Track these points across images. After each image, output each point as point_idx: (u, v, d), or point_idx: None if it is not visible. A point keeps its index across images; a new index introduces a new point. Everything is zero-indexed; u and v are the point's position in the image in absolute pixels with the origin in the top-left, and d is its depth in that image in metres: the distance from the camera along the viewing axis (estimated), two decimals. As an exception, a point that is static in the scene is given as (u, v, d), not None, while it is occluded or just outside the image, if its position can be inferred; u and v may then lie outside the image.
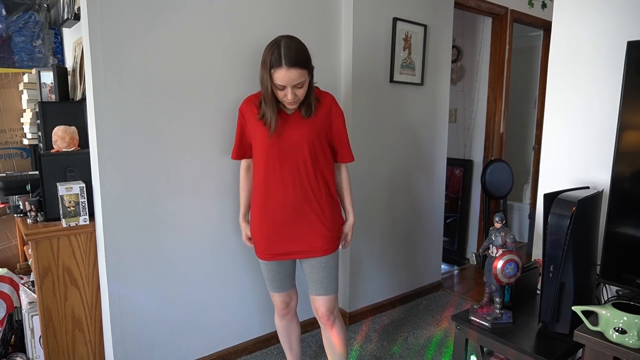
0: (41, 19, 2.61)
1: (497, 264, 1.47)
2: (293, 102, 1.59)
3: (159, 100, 1.87)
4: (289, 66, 1.51)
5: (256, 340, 2.30)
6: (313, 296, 1.76)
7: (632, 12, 1.54)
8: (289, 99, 1.56)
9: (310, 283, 1.76)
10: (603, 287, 1.62)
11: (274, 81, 1.55)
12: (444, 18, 2.88)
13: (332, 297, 1.76)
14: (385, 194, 2.71)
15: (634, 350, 1.12)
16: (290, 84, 1.54)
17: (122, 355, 1.90)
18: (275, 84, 1.56)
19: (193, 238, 2.03)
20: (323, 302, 1.74)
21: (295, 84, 1.54)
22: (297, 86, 1.56)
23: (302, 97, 1.60)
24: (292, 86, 1.54)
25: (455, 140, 3.95)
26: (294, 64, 1.52)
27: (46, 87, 2.24)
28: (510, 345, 1.41)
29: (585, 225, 1.39)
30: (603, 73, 1.63)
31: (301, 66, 1.53)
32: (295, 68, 1.52)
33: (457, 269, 3.67)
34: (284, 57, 1.51)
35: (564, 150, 1.78)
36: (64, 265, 1.86)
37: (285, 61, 1.51)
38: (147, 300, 1.93)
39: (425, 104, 2.86)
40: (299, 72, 1.53)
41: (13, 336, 2.17)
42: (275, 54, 1.52)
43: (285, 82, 1.53)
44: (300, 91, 1.58)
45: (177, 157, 1.94)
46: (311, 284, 1.75)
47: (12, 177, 2.29)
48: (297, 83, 1.54)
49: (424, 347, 2.40)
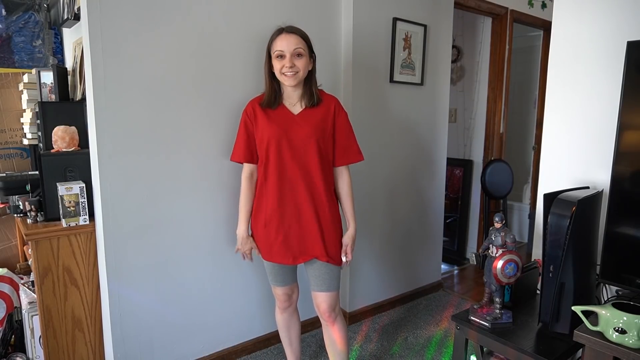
0: (41, 19, 2.61)
1: (497, 264, 1.47)
2: (292, 72, 1.61)
3: (159, 100, 1.86)
4: (288, 32, 1.62)
5: (256, 340, 2.30)
6: (315, 292, 1.77)
7: (632, 12, 1.54)
8: (287, 65, 1.60)
9: (312, 279, 1.76)
10: (603, 287, 1.62)
11: (273, 51, 1.63)
12: (444, 18, 2.88)
13: (334, 294, 1.76)
14: (385, 194, 2.71)
15: (634, 350, 1.12)
16: (289, 48, 1.59)
17: (122, 355, 1.90)
18: (274, 56, 1.63)
19: (193, 238, 2.03)
20: (325, 299, 1.74)
21: (294, 49, 1.60)
22: (295, 54, 1.61)
23: (301, 70, 1.63)
24: (290, 54, 1.59)
25: (455, 140, 3.95)
26: (292, 31, 1.63)
27: (46, 87, 2.24)
28: (510, 345, 1.41)
29: (585, 225, 1.40)
30: (603, 73, 1.63)
31: (300, 35, 1.63)
32: (294, 34, 1.62)
33: (457, 269, 3.67)
34: (284, 27, 1.64)
35: (564, 150, 1.78)
36: (64, 265, 1.86)
37: (285, 29, 1.63)
38: (147, 300, 1.93)
39: (425, 104, 2.86)
40: (297, 39, 1.61)
41: (13, 336, 2.17)
42: (276, 30, 1.65)
43: (283, 47, 1.59)
44: (299, 61, 1.62)
45: (177, 157, 1.94)
46: (313, 280, 1.76)
47: (12, 177, 2.29)
48: (296, 49, 1.60)
49: (424, 347, 2.40)
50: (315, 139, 1.66)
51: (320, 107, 1.71)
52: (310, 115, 1.69)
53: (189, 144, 1.97)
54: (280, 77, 1.65)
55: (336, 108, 1.73)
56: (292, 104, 1.71)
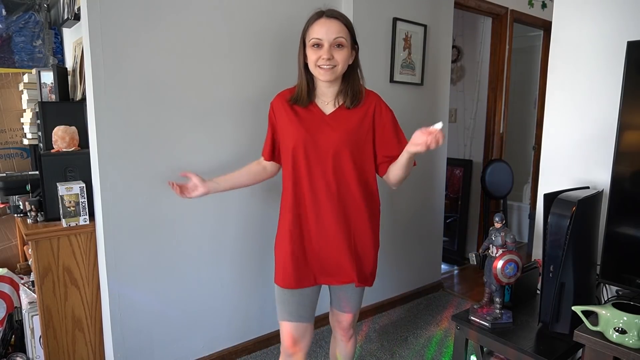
0: (41, 19, 2.61)
1: (497, 264, 1.47)
2: (329, 66, 1.35)
3: (159, 100, 1.86)
4: (328, 16, 1.34)
5: (256, 340, 2.30)
6: (337, 311, 1.61)
7: (632, 12, 1.54)
8: (324, 57, 1.33)
9: (337, 300, 1.59)
10: (603, 287, 1.62)
11: (308, 39, 1.37)
12: (444, 18, 2.88)
13: (357, 312, 1.64)
14: (385, 194, 2.70)
15: (634, 350, 1.12)
16: (328, 37, 1.33)
17: (122, 355, 1.90)
18: (309, 44, 1.37)
19: (193, 238, 2.03)
20: (347, 318, 1.60)
21: (334, 38, 1.33)
22: (335, 44, 1.34)
23: (340, 64, 1.36)
24: (330, 43, 1.33)
25: (455, 140, 3.95)
26: (333, 15, 1.35)
27: (46, 87, 2.24)
28: (510, 345, 1.41)
29: (585, 225, 1.39)
30: (603, 73, 1.63)
31: (343, 21, 1.35)
32: (336, 20, 1.34)
33: (457, 269, 3.68)
34: (324, 9, 1.37)
35: (564, 150, 1.78)
36: (64, 265, 1.86)
37: (325, 12, 1.36)
38: (147, 300, 1.93)
39: (425, 104, 2.86)
40: (339, 26, 1.34)
41: (13, 336, 2.17)
42: (315, 13, 1.38)
43: (321, 35, 1.33)
44: (339, 53, 1.35)
45: (177, 156, 1.94)
46: (337, 300, 1.58)
47: (12, 177, 2.29)
48: (336, 38, 1.33)
49: (424, 347, 2.40)
50: (347, 146, 1.40)
51: (359, 108, 1.44)
52: (345, 117, 1.42)
53: (190, 144, 1.97)
54: (315, 70, 1.38)
55: (377, 107, 1.45)
56: (326, 102, 1.45)
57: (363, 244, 1.50)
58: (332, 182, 1.41)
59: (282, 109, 1.46)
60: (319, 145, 1.40)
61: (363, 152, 1.44)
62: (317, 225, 1.44)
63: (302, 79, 1.43)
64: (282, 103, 1.47)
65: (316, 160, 1.41)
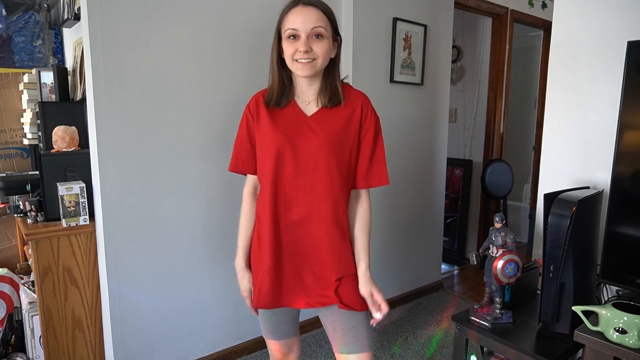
0: (41, 19, 2.61)
1: (497, 264, 1.47)
2: (307, 59, 1.19)
3: (159, 100, 1.86)
4: (305, 4, 1.18)
5: (256, 340, 2.30)
6: (339, 355, 1.32)
7: (632, 12, 1.54)
8: (302, 49, 1.17)
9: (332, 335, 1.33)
10: (603, 287, 1.61)
11: (283, 30, 1.21)
12: (444, 18, 2.88)
13: (365, 356, 1.29)
14: (385, 194, 2.71)
15: (634, 351, 1.12)
16: (305, 27, 1.17)
17: (122, 355, 1.90)
18: (284, 36, 1.21)
19: (193, 238, 2.03)
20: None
21: (312, 28, 1.17)
22: (314, 34, 1.18)
23: (320, 57, 1.20)
24: (307, 34, 1.17)
25: (455, 140, 3.95)
26: (311, 3, 1.18)
27: (46, 87, 2.24)
28: (510, 345, 1.41)
29: (585, 225, 1.39)
30: (603, 73, 1.63)
31: (322, 9, 1.19)
32: (314, 7, 1.18)
33: (457, 269, 3.68)
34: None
35: (564, 150, 1.78)
36: (64, 265, 1.86)
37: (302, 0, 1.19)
38: (147, 300, 1.93)
39: (425, 104, 2.86)
40: (317, 14, 1.18)
41: (13, 336, 2.17)
42: (290, 1, 1.21)
43: (297, 25, 1.17)
44: (318, 45, 1.18)
45: (177, 156, 1.94)
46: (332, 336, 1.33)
47: (12, 177, 2.29)
48: (315, 28, 1.17)
49: (424, 347, 2.40)
50: (330, 152, 1.22)
51: (343, 108, 1.26)
52: (328, 118, 1.25)
53: (190, 144, 1.97)
54: (292, 64, 1.21)
55: (364, 109, 1.27)
56: (307, 102, 1.28)
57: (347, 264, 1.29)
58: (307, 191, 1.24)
59: (259, 110, 1.29)
60: (298, 151, 1.23)
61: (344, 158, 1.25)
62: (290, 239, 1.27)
63: (275, 75, 1.26)
64: (260, 104, 1.30)
65: (293, 168, 1.23)
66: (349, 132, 1.26)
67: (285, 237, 1.27)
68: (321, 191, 1.24)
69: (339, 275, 1.27)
